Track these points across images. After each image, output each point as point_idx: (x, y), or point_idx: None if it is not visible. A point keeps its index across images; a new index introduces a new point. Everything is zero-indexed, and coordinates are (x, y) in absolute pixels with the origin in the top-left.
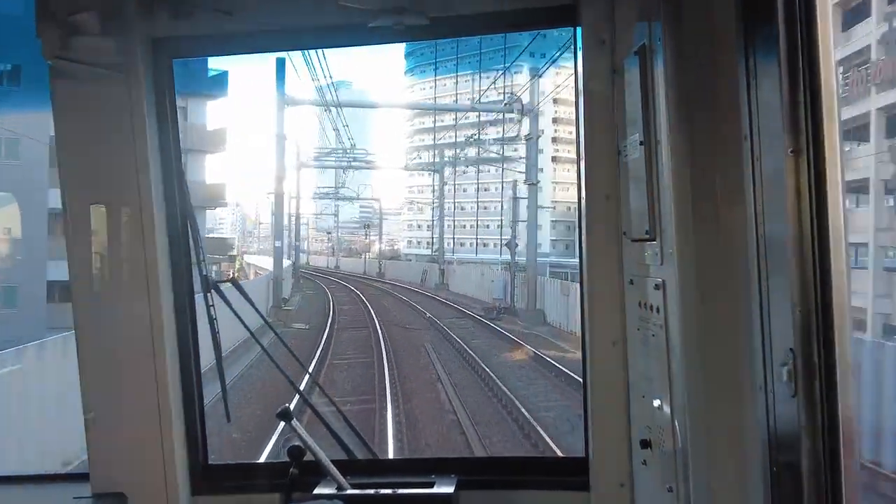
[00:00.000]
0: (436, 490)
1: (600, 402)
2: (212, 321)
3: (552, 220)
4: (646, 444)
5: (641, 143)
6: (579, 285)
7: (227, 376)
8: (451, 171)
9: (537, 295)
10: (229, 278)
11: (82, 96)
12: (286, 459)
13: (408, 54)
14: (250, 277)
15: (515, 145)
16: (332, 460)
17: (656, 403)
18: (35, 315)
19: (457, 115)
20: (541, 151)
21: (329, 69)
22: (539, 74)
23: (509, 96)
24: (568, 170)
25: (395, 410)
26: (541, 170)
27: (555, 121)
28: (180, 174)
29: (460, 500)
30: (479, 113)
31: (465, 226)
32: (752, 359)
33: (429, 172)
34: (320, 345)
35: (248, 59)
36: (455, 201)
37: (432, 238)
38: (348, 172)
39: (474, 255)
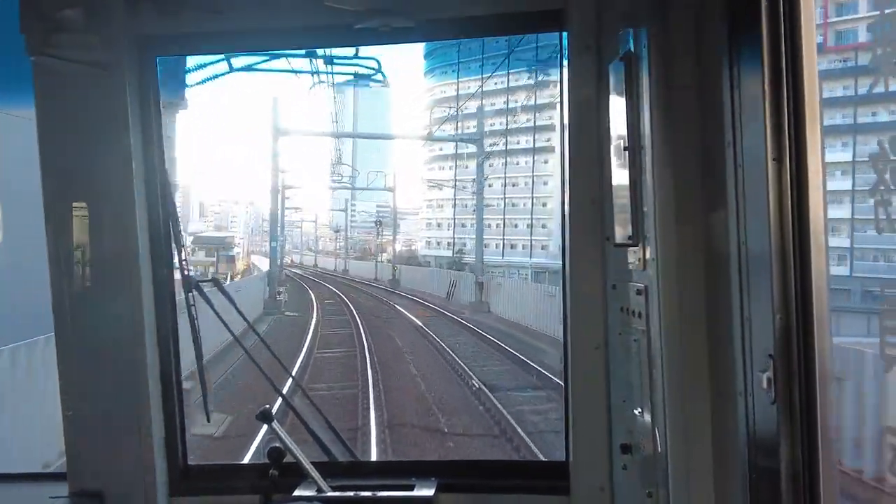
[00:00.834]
0: (416, 493)
1: (581, 406)
2: (193, 321)
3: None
4: (626, 449)
5: (626, 148)
6: (562, 290)
7: (223, 371)
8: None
9: None
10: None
11: (66, 93)
12: (266, 461)
13: (427, 54)
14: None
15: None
16: (312, 462)
17: (637, 408)
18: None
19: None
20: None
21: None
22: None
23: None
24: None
25: None
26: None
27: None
28: (163, 173)
29: (440, 503)
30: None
31: (489, 225)
32: (733, 365)
33: (449, 166)
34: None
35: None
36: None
37: (454, 238)
38: (356, 154)
39: (500, 258)
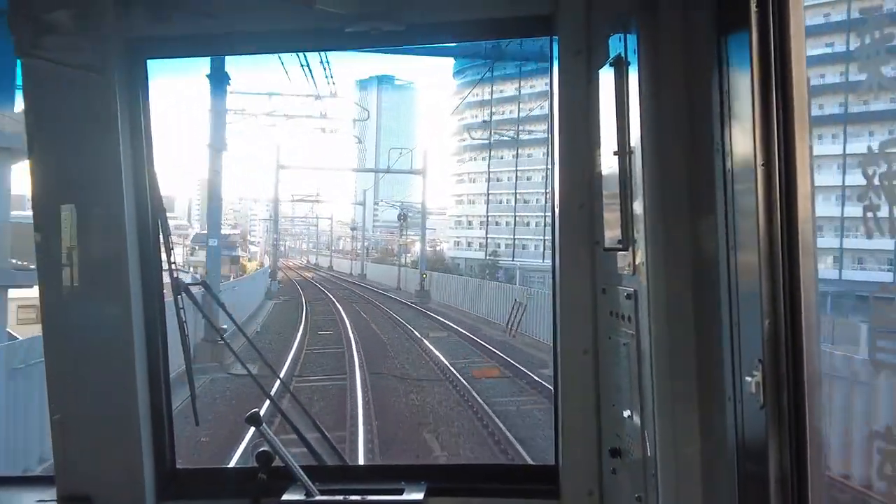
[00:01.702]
0: (405, 497)
1: (571, 410)
2: (182, 325)
3: None
4: (616, 453)
5: (615, 153)
6: (552, 293)
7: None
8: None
9: None
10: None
11: (55, 95)
12: (255, 465)
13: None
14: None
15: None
16: (301, 466)
17: (626, 412)
18: None
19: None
20: None
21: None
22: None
23: None
24: None
25: None
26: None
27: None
28: (152, 175)
29: None
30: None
31: (528, 223)
32: (721, 369)
33: (482, 157)
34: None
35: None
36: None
37: (486, 239)
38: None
39: (541, 261)
